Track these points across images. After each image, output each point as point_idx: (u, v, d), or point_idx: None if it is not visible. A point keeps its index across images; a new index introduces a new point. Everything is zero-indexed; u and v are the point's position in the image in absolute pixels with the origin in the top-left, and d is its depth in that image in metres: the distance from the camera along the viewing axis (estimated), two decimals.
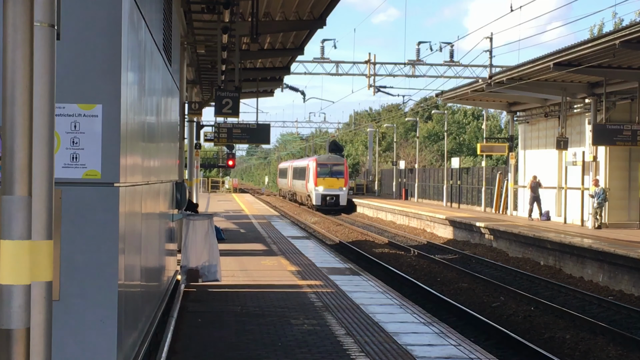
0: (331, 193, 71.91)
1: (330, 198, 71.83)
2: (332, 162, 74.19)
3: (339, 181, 72.54)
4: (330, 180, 72.17)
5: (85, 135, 6.93)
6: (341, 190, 72.30)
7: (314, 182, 72.41)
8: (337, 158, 76.49)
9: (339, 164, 73.91)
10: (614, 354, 17.22)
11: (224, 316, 14.45)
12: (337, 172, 73.01)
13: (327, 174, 72.59)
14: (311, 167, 74.31)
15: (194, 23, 24.25)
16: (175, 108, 15.73)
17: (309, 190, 74.97)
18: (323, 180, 72.11)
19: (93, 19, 6.92)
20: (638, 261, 25.21)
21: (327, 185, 72.03)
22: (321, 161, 74.36)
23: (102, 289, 6.95)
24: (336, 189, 72.10)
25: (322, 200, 71.85)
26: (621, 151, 38.25)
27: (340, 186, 72.37)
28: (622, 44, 27.80)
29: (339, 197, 72.10)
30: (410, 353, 11.55)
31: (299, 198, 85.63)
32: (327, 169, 73.02)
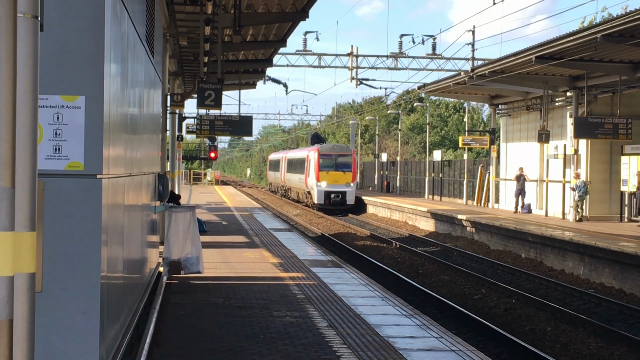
0: (336, 190, 61.06)
1: (336, 196, 61.00)
2: (337, 152, 63.60)
3: (346, 175, 61.62)
4: (335, 175, 61.53)
5: (68, 126, 6.92)
6: (348, 186, 61.38)
7: (316, 176, 61.68)
8: (343, 148, 67.06)
9: (345, 155, 63.21)
10: (595, 346, 17.30)
11: (206, 308, 14.45)
12: (343, 165, 62.20)
13: (332, 167, 61.97)
14: (312, 159, 63.44)
15: (176, 15, 24.19)
16: (157, 100, 15.71)
17: (309, 186, 64.15)
18: (326, 175, 61.48)
19: (76, 10, 6.91)
20: (619, 254, 25.32)
21: (332, 180, 61.30)
22: (324, 151, 63.16)
23: (85, 281, 6.95)
24: (342, 184, 61.24)
25: (326, 198, 61.08)
26: (602, 144, 38.40)
27: (348, 181, 61.42)
28: (604, 38, 27.88)
29: (345, 195, 61.21)
30: (392, 345, 11.58)
31: (294, 194, 75.31)
32: (332, 161, 62.29)
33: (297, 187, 71.87)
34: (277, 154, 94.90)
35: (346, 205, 61.00)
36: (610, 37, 27.91)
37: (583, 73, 35.84)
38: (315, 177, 61.65)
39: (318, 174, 61.53)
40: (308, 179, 64.46)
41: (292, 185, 76.10)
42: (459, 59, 47.99)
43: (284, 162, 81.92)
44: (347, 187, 61.24)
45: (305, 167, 65.68)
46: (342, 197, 60.99)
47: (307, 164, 65.00)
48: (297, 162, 71.78)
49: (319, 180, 61.35)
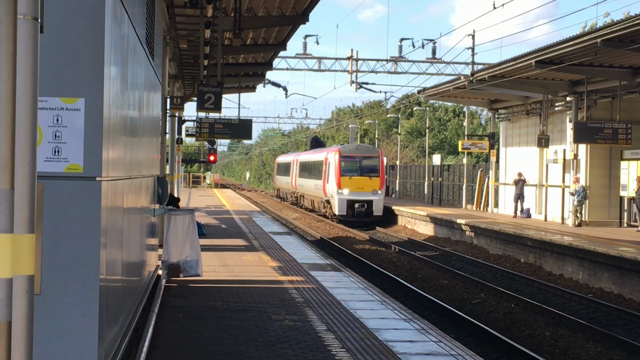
0: (361, 198, 52.23)
1: (361, 205, 52.18)
2: (362, 153, 54.39)
3: (373, 181, 52.82)
4: (360, 180, 52.81)
5: (67, 129, 6.92)
6: (375, 194, 52.54)
7: (336, 182, 52.84)
8: (369, 148, 57.42)
9: (371, 156, 54.26)
10: (593, 351, 17.30)
11: (205, 311, 14.43)
12: (369, 169, 53.40)
13: (355, 171, 53.23)
14: (331, 162, 54.66)
15: (176, 18, 24.20)
16: (157, 103, 15.72)
17: (329, 193, 55.05)
18: (349, 181, 52.64)
19: (76, 12, 6.91)
20: (618, 259, 25.31)
21: (356, 187, 52.52)
22: (347, 152, 54.42)
23: (84, 283, 6.94)
24: (368, 192, 52.44)
25: (349, 208, 52.34)
26: (602, 149, 38.40)
27: (374, 188, 52.58)
28: (604, 43, 27.89)
29: (372, 205, 52.34)
30: (391, 349, 11.57)
31: (307, 203, 66.12)
32: (355, 164, 53.53)
33: (312, 195, 63.02)
34: (287, 156, 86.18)
35: (373, 216, 52.34)
36: (610, 42, 27.92)
37: (583, 78, 35.85)
38: (336, 184, 52.86)
39: (339, 180, 52.83)
40: (327, 185, 55.56)
41: (305, 193, 67.20)
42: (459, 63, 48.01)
43: (295, 166, 73.03)
44: (374, 195, 52.52)
45: (324, 172, 56.88)
46: (368, 207, 52.32)
47: (326, 167, 56.34)
48: (313, 165, 63.14)
49: (340, 187, 52.63)
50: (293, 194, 75.00)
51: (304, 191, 67.76)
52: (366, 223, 51.89)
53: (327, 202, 55.91)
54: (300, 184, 69.12)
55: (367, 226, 51.47)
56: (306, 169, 66.46)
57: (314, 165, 62.18)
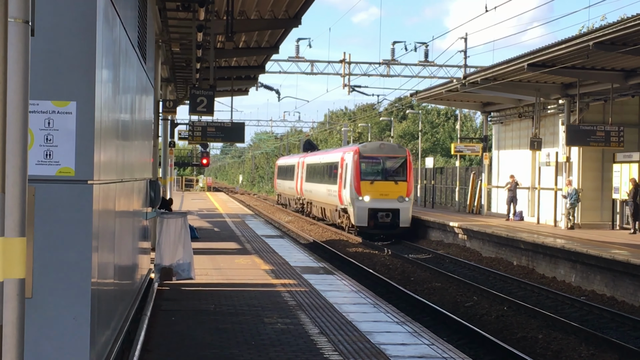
0: (385, 207, 44.48)
1: (385, 215, 44.43)
2: (386, 153, 46.38)
3: (399, 187, 44.98)
4: (384, 186, 45.04)
5: (59, 132, 6.91)
6: (402, 201, 44.63)
7: (355, 187, 44.91)
8: (394, 147, 48.49)
9: (397, 157, 46.22)
10: (586, 354, 17.31)
11: (198, 315, 14.42)
12: (394, 171, 45.73)
13: (378, 175, 45.56)
14: (349, 163, 46.64)
15: (168, 21, 24.18)
16: (149, 106, 15.69)
17: (345, 201, 46.78)
18: (371, 186, 44.82)
19: (68, 15, 6.90)
20: (610, 262, 25.34)
21: (379, 193, 44.74)
22: (367, 152, 46.29)
23: (75, 287, 6.93)
24: (393, 199, 44.60)
25: (370, 218, 44.49)
26: (594, 152, 38.46)
27: (401, 195, 44.75)
28: (596, 46, 27.92)
29: (398, 214, 44.42)
30: (383, 352, 11.57)
31: (317, 211, 58.00)
32: (378, 166, 45.82)
33: (324, 202, 54.86)
34: (291, 158, 77.05)
35: (399, 228, 44.44)
36: (602, 44, 27.95)
37: (575, 81, 35.90)
38: (355, 189, 44.84)
39: (359, 185, 44.85)
40: (343, 191, 47.18)
41: (314, 199, 58.92)
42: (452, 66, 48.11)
43: (301, 169, 65.24)
44: (400, 203, 44.51)
45: (339, 175, 48.69)
46: (393, 216, 44.44)
47: (342, 170, 48.16)
48: (325, 168, 55.00)
49: (360, 193, 44.62)
50: (298, 201, 67.10)
51: (312, 198, 59.77)
52: (390, 236, 44.26)
53: (344, 211, 47.63)
54: (308, 190, 61.18)
55: (392, 240, 43.70)
56: (316, 172, 58.55)
57: (327, 168, 54.13)
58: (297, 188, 66.26)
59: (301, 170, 64.78)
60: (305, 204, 63.30)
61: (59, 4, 6.88)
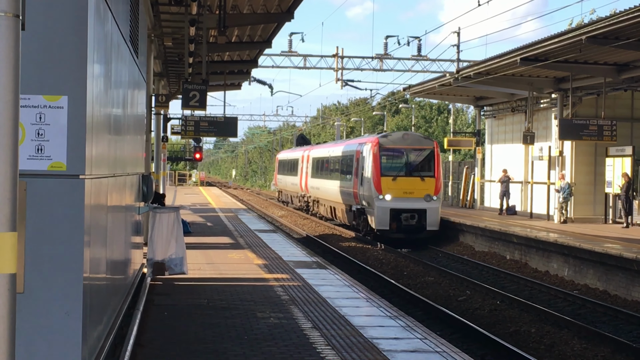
0: (410, 207, 38.59)
1: (410, 216, 38.61)
2: (411, 145, 40.12)
3: (426, 183, 39.05)
4: (409, 182, 39.12)
5: (50, 126, 6.89)
6: (429, 200, 38.74)
7: (375, 184, 38.95)
8: (420, 138, 41.92)
9: (423, 149, 40.07)
10: (579, 348, 17.33)
11: (190, 309, 14.41)
12: (420, 166, 39.81)
13: (401, 170, 39.57)
14: (367, 157, 40.54)
15: (161, 15, 24.16)
16: (142, 100, 15.67)
17: (362, 199, 41.05)
18: (392, 183, 38.87)
19: (59, 9, 6.88)
20: (603, 255, 25.38)
21: (402, 191, 38.90)
22: (389, 144, 40.12)
23: (67, 282, 6.91)
24: (419, 198, 38.71)
25: (393, 220, 38.54)
26: (587, 146, 38.49)
27: (428, 193, 38.83)
28: (589, 40, 27.92)
29: (425, 215, 38.64)
30: (376, 346, 11.57)
31: (326, 211, 52.16)
32: (401, 160, 39.88)
33: (334, 201, 49.01)
34: (293, 152, 70.49)
35: (426, 231, 38.74)
36: (595, 39, 27.96)
37: (568, 75, 35.91)
38: (375, 187, 38.89)
39: (379, 182, 38.90)
40: (360, 188, 41.31)
41: (322, 197, 53.30)
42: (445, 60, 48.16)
43: (306, 163, 59.54)
44: (427, 203, 38.70)
45: (354, 170, 42.95)
46: (419, 218, 38.68)
47: (358, 164, 42.26)
48: (336, 161, 49.10)
49: (380, 191, 38.65)
50: (302, 198, 61.34)
51: (319, 195, 54.07)
52: (418, 240, 38.66)
53: (360, 212, 41.77)
54: (315, 186, 55.29)
55: (416, 245, 38.36)
56: (324, 166, 52.58)
57: (338, 162, 47.95)
58: (301, 184, 60.57)
59: (306, 165, 59.22)
60: (311, 202, 57.97)
61: None
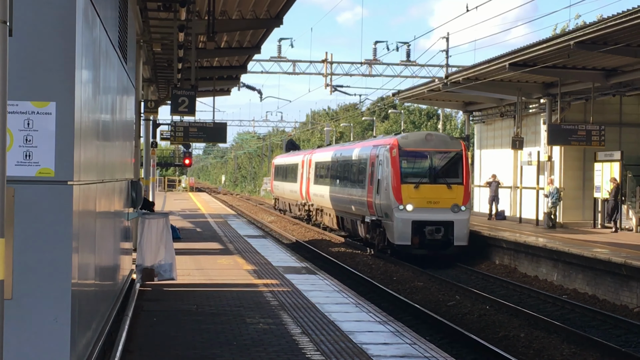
0: (435, 218, 33.21)
1: (435, 230, 33.06)
2: (435, 147, 34.44)
3: (453, 192, 33.65)
4: (432, 190, 33.67)
5: (38, 132, 6.89)
6: (457, 211, 33.37)
7: (394, 192, 33.50)
8: (445, 139, 35.81)
9: (449, 152, 34.47)
10: (568, 352, 17.36)
11: (180, 315, 14.39)
12: (446, 171, 34.29)
13: (424, 175, 34.06)
14: (384, 160, 34.91)
15: (150, 21, 24.13)
16: (130, 106, 15.67)
17: (379, 210, 35.11)
18: (414, 191, 33.35)
19: (46, 15, 6.88)
20: (592, 260, 25.41)
21: (426, 200, 33.46)
22: (409, 146, 34.42)
23: (55, 288, 6.91)
24: (446, 208, 33.32)
25: (415, 233, 33.05)
26: (576, 151, 38.58)
27: (456, 203, 33.44)
28: (577, 45, 28.00)
29: (452, 228, 33.15)
30: (365, 352, 11.57)
31: (331, 222, 46.55)
32: (424, 164, 34.34)
33: (343, 211, 43.07)
34: (292, 156, 64.93)
35: (453, 246, 33.23)
36: (583, 44, 28.04)
37: (556, 80, 36.00)
38: (394, 195, 33.53)
39: (399, 189, 33.52)
40: (376, 197, 35.47)
41: (326, 206, 47.80)
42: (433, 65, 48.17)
43: (307, 168, 54.22)
44: (455, 214, 33.39)
45: (368, 176, 37.24)
46: (445, 231, 33.21)
47: (373, 169, 36.58)
48: (344, 166, 43.45)
49: (401, 200, 33.33)
50: (302, 207, 55.72)
51: (323, 204, 48.54)
52: (444, 256, 33.51)
53: (376, 224, 35.89)
54: (319, 194, 49.72)
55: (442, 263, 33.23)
56: (330, 172, 47.13)
57: (348, 167, 42.51)
58: (302, 191, 55.11)
59: (307, 170, 53.66)
60: (313, 212, 52.22)
61: (38, 4, 6.86)
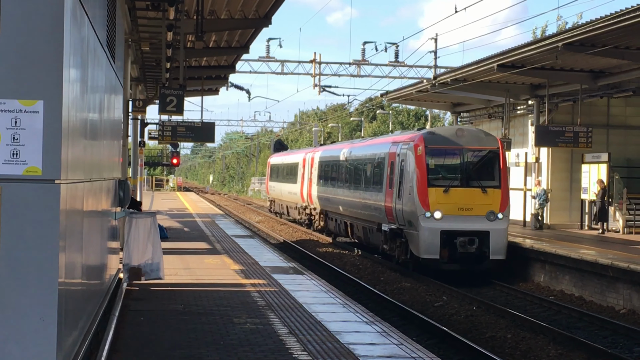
0: (467, 228, 28.42)
1: (468, 241, 28.23)
2: (468, 145, 29.49)
3: (488, 196, 28.82)
4: (464, 195, 28.88)
5: (26, 131, 6.87)
6: (493, 219, 28.55)
7: (420, 197, 28.60)
8: (478, 135, 30.33)
9: (484, 150, 29.68)
10: (554, 353, 17.39)
11: (167, 315, 14.38)
12: (480, 173, 29.62)
13: (455, 177, 29.40)
14: (406, 159, 29.99)
15: (138, 20, 24.08)
16: (118, 105, 15.64)
17: (401, 217, 29.99)
18: (444, 196, 28.59)
19: (35, 14, 6.86)
20: (579, 262, 25.47)
21: (456, 206, 28.67)
22: (437, 143, 29.57)
23: (42, 287, 6.89)
24: (480, 216, 28.57)
25: (444, 245, 28.28)
26: (563, 152, 38.66)
27: (492, 209, 28.61)
28: (565, 47, 28.05)
29: (487, 239, 28.37)
30: (352, 352, 11.58)
31: (339, 228, 41.72)
32: (454, 164, 29.72)
33: (355, 217, 37.93)
34: (291, 155, 60.51)
35: (488, 260, 28.41)
36: (571, 46, 28.09)
37: (544, 81, 36.06)
38: (420, 200, 28.58)
39: (426, 194, 28.58)
40: (397, 202, 30.50)
41: (332, 210, 43.05)
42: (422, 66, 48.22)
43: (309, 168, 49.49)
44: (491, 222, 28.54)
45: (387, 178, 32.31)
46: (480, 243, 28.36)
47: (393, 170, 31.47)
48: (356, 166, 38.56)
49: (428, 206, 28.39)
50: (303, 211, 51.18)
51: (329, 208, 43.95)
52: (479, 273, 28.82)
53: (396, 234, 30.98)
54: (322, 197, 45.15)
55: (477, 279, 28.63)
56: (339, 172, 42.06)
57: (361, 167, 37.51)
58: (303, 194, 50.46)
59: (310, 170, 48.87)
60: (316, 216, 47.40)
61: (26, 2, 6.84)
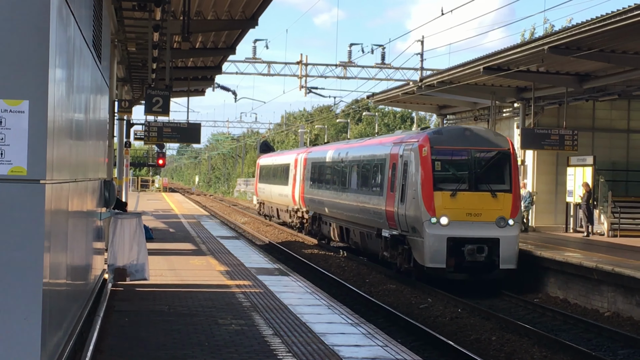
0: (476, 234, 26.61)
1: (477, 248, 26.40)
2: (475, 145, 27.60)
3: (499, 201, 26.98)
4: (473, 199, 27.00)
5: (11, 131, 6.86)
6: (504, 225, 26.70)
7: (425, 202, 26.67)
8: (487, 135, 28.59)
9: (493, 151, 27.77)
10: (539, 356, 17.43)
11: (151, 315, 14.36)
12: (489, 175, 27.64)
13: (463, 180, 27.43)
14: (409, 161, 28.03)
15: (124, 20, 24.06)
16: (104, 106, 15.63)
17: (404, 222, 28.06)
18: (451, 200, 26.77)
19: (21, 14, 6.85)
20: (563, 264, 25.52)
21: (464, 211, 26.80)
22: (443, 144, 27.65)
23: (27, 287, 6.88)
24: (490, 222, 26.74)
25: (451, 254, 26.41)
26: (548, 155, 38.74)
27: (502, 215, 26.74)
28: (551, 50, 28.12)
29: (497, 246, 26.53)
30: (337, 353, 11.59)
31: (334, 233, 39.71)
32: (462, 166, 27.89)
33: (352, 222, 35.94)
34: (282, 155, 59.04)
35: (498, 270, 26.65)
36: (557, 49, 28.15)
37: (530, 84, 36.13)
38: (425, 205, 26.72)
39: (431, 198, 26.79)
40: (400, 206, 28.46)
41: (326, 214, 41.01)
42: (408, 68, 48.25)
43: (301, 169, 47.60)
44: (501, 229, 26.74)
45: (388, 181, 30.34)
46: (489, 251, 26.56)
47: (395, 172, 29.49)
48: (353, 167, 36.38)
49: (433, 211, 26.61)
50: (295, 214, 49.27)
51: (322, 212, 41.99)
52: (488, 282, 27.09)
53: (398, 240, 29.09)
54: (315, 200, 43.40)
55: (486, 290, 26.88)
56: (333, 174, 40.26)
57: (358, 168, 35.50)
58: (294, 196, 48.60)
59: (302, 171, 47.07)
60: (308, 219, 45.68)
61: (11, 2, 6.83)
